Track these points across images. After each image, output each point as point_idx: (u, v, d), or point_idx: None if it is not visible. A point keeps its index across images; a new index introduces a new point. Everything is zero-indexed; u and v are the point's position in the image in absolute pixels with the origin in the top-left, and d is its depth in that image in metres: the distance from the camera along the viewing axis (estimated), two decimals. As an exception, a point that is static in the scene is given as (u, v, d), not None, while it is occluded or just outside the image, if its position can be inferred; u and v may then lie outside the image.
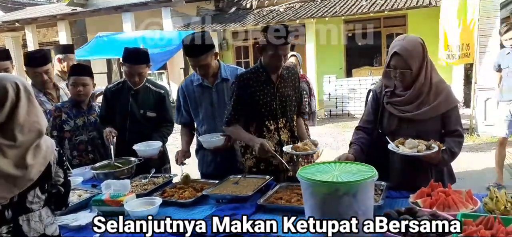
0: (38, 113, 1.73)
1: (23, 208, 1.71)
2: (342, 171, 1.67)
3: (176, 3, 12.65)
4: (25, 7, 19.04)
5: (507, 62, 4.83)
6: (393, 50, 2.18)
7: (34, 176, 1.68)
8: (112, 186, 2.32)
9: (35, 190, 1.73)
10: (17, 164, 1.62)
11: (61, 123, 3.07)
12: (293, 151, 2.37)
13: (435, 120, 2.24)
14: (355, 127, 2.52)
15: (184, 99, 2.93)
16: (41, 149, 1.70)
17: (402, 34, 2.37)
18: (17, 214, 1.70)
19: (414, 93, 2.21)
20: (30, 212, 1.73)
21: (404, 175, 2.28)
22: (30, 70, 3.30)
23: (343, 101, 10.81)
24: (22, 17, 15.38)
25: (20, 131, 1.64)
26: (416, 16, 11.54)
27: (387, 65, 2.25)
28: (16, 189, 1.65)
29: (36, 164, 1.67)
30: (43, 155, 1.70)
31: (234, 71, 2.87)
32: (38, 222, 1.74)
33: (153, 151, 2.91)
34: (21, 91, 1.67)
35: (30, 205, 1.73)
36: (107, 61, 14.81)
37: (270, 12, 12.77)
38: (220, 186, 2.40)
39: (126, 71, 3.05)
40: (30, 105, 1.69)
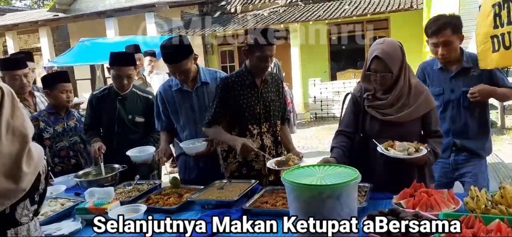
0: (24, 116, 1.70)
1: (12, 222, 1.67)
2: (325, 174, 1.69)
3: (160, 8, 12.59)
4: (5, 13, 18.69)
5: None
6: (374, 54, 2.20)
7: (27, 186, 1.63)
8: (96, 194, 2.30)
9: (25, 202, 1.68)
10: (9, 174, 1.57)
11: (40, 132, 3.02)
12: (276, 167, 2.33)
13: (415, 121, 2.29)
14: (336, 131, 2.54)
15: (163, 104, 2.85)
16: (33, 157, 1.66)
17: (381, 38, 2.42)
18: (5, 227, 1.66)
19: (395, 96, 2.25)
20: (18, 225, 1.69)
21: (388, 177, 2.31)
22: (7, 73, 3.22)
23: (328, 104, 10.91)
24: (2, 23, 15.09)
25: (4, 136, 1.60)
26: (398, 19, 11.74)
27: (367, 68, 2.27)
28: (8, 201, 1.60)
29: (29, 173, 1.64)
30: (35, 164, 1.67)
31: (214, 74, 2.85)
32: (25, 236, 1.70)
33: (147, 157, 2.90)
34: (5, 94, 1.64)
35: (20, 218, 1.68)
36: (90, 67, 14.63)
37: (255, 17, 12.82)
38: (205, 192, 2.39)
39: (114, 74, 3.03)
40: (14, 109, 1.66)
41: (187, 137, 2.83)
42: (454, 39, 2.57)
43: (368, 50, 2.35)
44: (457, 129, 2.70)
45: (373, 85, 2.30)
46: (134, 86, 3.17)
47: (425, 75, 2.82)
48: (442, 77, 2.73)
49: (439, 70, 2.74)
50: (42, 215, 2.19)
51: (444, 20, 2.58)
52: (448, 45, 2.57)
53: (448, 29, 2.54)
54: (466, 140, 2.69)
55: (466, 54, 2.68)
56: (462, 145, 2.69)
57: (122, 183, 2.73)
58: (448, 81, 2.70)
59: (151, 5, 12.50)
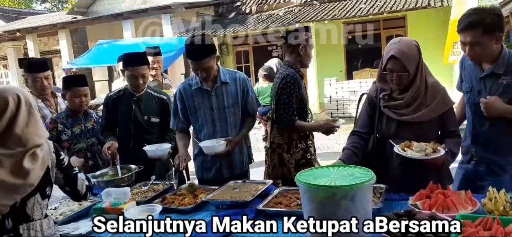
0: (38, 125, 1.75)
1: (23, 217, 1.72)
2: (339, 175, 1.68)
3: (175, 9, 12.69)
4: (26, 16, 19.12)
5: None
6: (390, 54, 2.18)
7: (34, 181, 1.69)
8: (113, 194, 2.32)
9: (35, 196, 1.74)
10: (14, 171, 1.63)
11: (58, 134, 3.06)
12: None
13: (432, 121, 2.25)
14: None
15: (182, 102, 2.85)
16: (38, 155, 1.71)
17: (397, 37, 2.36)
18: (18, 223, 1.71)
19: (411, 95, 2.22)
20: (31, 221, 1.74)
21: (404, 178, 2.29)
22: (29, 75, 3.32)
23: (344, 103, 10.82)
24: (23, 27, 15.45)
25: (18, 142, 1.65)
26: (415, 18, 11.57)
27: (383, 68, 2.25)
28: (17, 195, 1.67)
29: (35, 168, 1.69)
30: (41, 160, 1.72)
31: (233, 75, 2.86)
32: (39, 232, 1.75)
33: (163, 152, 2.94)
34: (22, 103, 1.69)
35: (31, 213, 1.74)
36: (108, 69, 14.85)
37: (270, 16, 12.81)
38: (220, 192, 2.40)
39: (128, 75, 3.05)
40: (30, 117, 1.71)
41: (204, 136, 2.83)
42: (485, 40, 2.16)
43: (384, 49, 2.32)
44: (478, 136, 2.39)
45: (389, 85, 2.28)
46: (148, 87, 3.20)
47: (462, 67, 2.50)
48: (473, 74, 2.38)
49: (473, 65, 2.37)
50: (61, 215, 2.25)
51: (475, 17, 2.16)
52: (475, 46, 2.19)
53: (478, 28, 2.14)
54: (486, 151, 2.37)
55: (503, 56, 2.23)
56: (480, 155, 2.39)
57: (138, 184, 2.77)
58: (478, 80, 2.34)
59: (167, 6, 12.62)
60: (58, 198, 2.44)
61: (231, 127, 2.82)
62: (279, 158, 2.95)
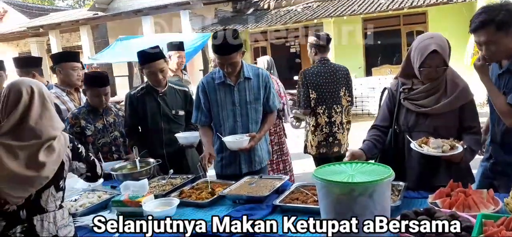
0: (53, 117, 1.77)
1: (38, 208, 1.76)
2: (357, 171, 1.65)
3: (194, 6, 12.76)
4: (49, 12, 19.55)
5: None
6: (431, 49, 2.11)
7: (49, 174, 1.72)
8: (131, 187, 2.35)
9: (50, 189, 1.77)
10: (29, 164, 1.67)
11: (82, 130, 3.09)
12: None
13: (452, 114, 2.20)
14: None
15: (205, 95, 2.83)
16: (53, 147, 1.74)
17: (427, 32, 2.32)
18: (32, 214, 1.75)
19: (432, 87, 2.19)
20: (45, 212, 1.77)
21: (422, 175, 2.25)
22: (63, 65, 3.40)
23: (363, 100, 10.69)
24: (46, 23, 15.80)
25: (32, 134, 1.69)
26: (437, 13, 11.33)
27: (421, 64, 2.16)
28: (32, 188, 1.70)
29: (49, 162, 1.71)
30: (57, 153, 1.74)
31: (256, 71, 2.87)
32: (51, 223, 1.77)
33: (195, 139, 3.00)
34: (35, 94, 1.72)
35: (45, 205, 1.77)
36: (128, 64, 15.07)
37: (288, 12, 12.76)
38: (236, 187, 2.41)
39: (147, 72, 3.06)
40: (43, 109, 1.74)
41: (225, 131, 2.82)
42: (499, 37, 2.05)
43: (405, 45, 2.28)
44: (495, 134, 2.31)
45: (417, 80, 2.23)
46: (169, 81, 3.23)
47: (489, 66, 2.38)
48: (494, 72, 2.29)
49: (495, 63, 2.28)
50: (80, 207, 2.30)
51: (486, 15, 2.07)
52: (490, 45, 2.08)
53: (491, 26, 2.04)
54: (502, 151, 2.28)
55: None
56: (495, 155, 2.31)
57: (156, 177, 2.80)
58: (497, 77, 2.27)
59: (186, 3, 12.70)
60: (78, 190, 2.49)
61: (252, 122, 2.82)
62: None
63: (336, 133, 3.81)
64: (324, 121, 3.79)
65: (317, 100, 3.77)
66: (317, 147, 3.83)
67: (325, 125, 3.79)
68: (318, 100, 3.77)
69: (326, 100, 3.77)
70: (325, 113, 3.78)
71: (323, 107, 3.77)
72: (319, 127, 3.80)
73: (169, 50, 4.48)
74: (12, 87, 1.72)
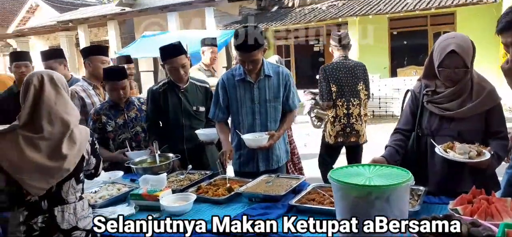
0: (67, 104, 1.82)
1: (59, 199, 1.81)
2: (375, 174, 1.63)
3: (219, 3, 12.83)
4: (78, 8, 20.04)
5: None
6: (449, 49, 2.06)
7: (71, 167, 1.77)
8: (150, 181, 2.38)
9: (70, 181, 1.82)
10: (51, 155, 1.72)
11: (103, 126, 3.13)
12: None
13: (477, 118, 2.13)
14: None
15: (224, 92, 2.84)
16: (75, 139, 1.78)
17: (449, 33, 2.25)
18: (53, 204, 1.80)
19: (457, 90, 2.12)
20: (65, 203, 1.82)
21: (445, 180, 2.19)
22: (92, 58, 3.48)
23: (387, 101, 10.51)
24: (75, 17, 16.21)
25: (48, 121, 1.73)
26: (466, 14, 11.00)
27: (439, 64, 2.13)
28: (53, 180, 1.75)
29: (71, 154, 1.76)
30: (78, 147, 1.79)
31: (276, 69, 2.85)
32: (72, 214, 1.82)
33: (216, 135, 3.00)
34: (45, 81, 1.78)
35: (66, 196, 1.82)
36: (153, 60, 15.29)
37: (312, 11, 12.66)
38: (253, 185, 2.41)
39: (169, 68, 3.07)
40: (57, 96, 1.79)
41: (243, 128, 2.82)
42: None
43: (432, 46, 2.21)
44: None
45: (440, 82, 2.17)
46: (190, 77, 3.25)
47: None
48: None
49: None
50: (100, 198, 2.34)
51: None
52: None
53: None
54: None
55: None
56: None
57: (175, 172, 2.83)
58: None
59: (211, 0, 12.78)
60: (98, 182, 2.54)
61: (271, 120, 2.81)
62: None
63: (353, 124, 4.07)
64: (342, 112, 4.05)
65: (337, 93, 4.04)
66: (335, 137, 4.11)
67: (343, 117, 4.05)
68: (338, 93, 4.04)
69: (344, 93, 4.03)
70: (344, 105, 4.04)
71: (342, 100, 4.04)
72: (338, 118, 4.07)
73: (202, 45, 4.61)
74: (27, 77, 1.82)
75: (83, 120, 3.08)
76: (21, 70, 3.73)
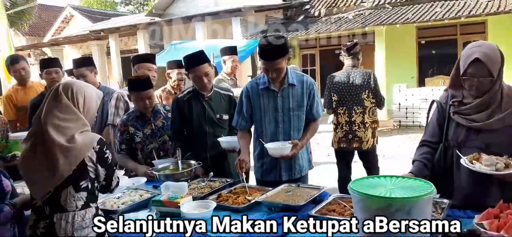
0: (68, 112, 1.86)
1: (58, 207, 1.83)
2: (396, 186, 1.60)
3: (246, 12, 12.94)
4: (110, 17, 20.68)
5: None
6: (473, 57, 2.02)
7: (65, 173, 1.78)
8: (171, 188, 2.41)
9: (68, 188, 1.82)
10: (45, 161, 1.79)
11: (131, 136, 3.16)
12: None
13: (506, 130, 2.05)
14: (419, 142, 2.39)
15: (248, 100, 2.85)
16: (72, 147, 1.80)
17: (479, 41, 2.19)
18: (53, 211, 1.83)
19: (486, 101, 2.06)
20: (64, 211, 1.83)
21: (471, 194, 2.12)
22: (139, 65, 3.60)
23: (414, 111, 10.28)
24: (106, 27, 16.72)
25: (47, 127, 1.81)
26: (497, 23, 10.66)
27: (463, 73, 2.08)
28: (47, 186, 1.80)
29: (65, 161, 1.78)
30: (75, 153, 1.81)
31: (301, 77, 2.84)
32: (69, 224, 1.82)
33: (237, 143, 3.01)
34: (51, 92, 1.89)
35: (65, 204, 1.82)
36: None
37: (339, 20, 12.57)
38: (273, 194, 2.40)
39: (193, 76, 3.09)
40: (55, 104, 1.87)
41: (266, 136, 2.82)
42: None
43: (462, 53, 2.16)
44: None
45: (462, 92, 2.11)
46: (214, 85, 3.28)
47: None
48: None
49: None
50: (123, 204, 2.39)
51: None
52: None
53: None
54: None
55: None
56: None
57: (196, 179, 2.86)
58: None
59: (237, 9, 12.91)
60: (121, 188, 2.59)
61: (294, 129, 2.80)
62: None
63: (356, 131, 4.29)
64: (344, 120, 4.32)
65: (337, 102, 4.34)
66: (338, 142, 4.39)
67: (345, 124, 4.32)
68: (338, 102, 4.34)
69: (346, 102, 4.30)
70: (345, 113, 4.31)
71: (344, 108, 4.31)
72: (339, 125, 4.36)
73: (222, 55, 4.62)
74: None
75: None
76: (51, 77, 3.86)
